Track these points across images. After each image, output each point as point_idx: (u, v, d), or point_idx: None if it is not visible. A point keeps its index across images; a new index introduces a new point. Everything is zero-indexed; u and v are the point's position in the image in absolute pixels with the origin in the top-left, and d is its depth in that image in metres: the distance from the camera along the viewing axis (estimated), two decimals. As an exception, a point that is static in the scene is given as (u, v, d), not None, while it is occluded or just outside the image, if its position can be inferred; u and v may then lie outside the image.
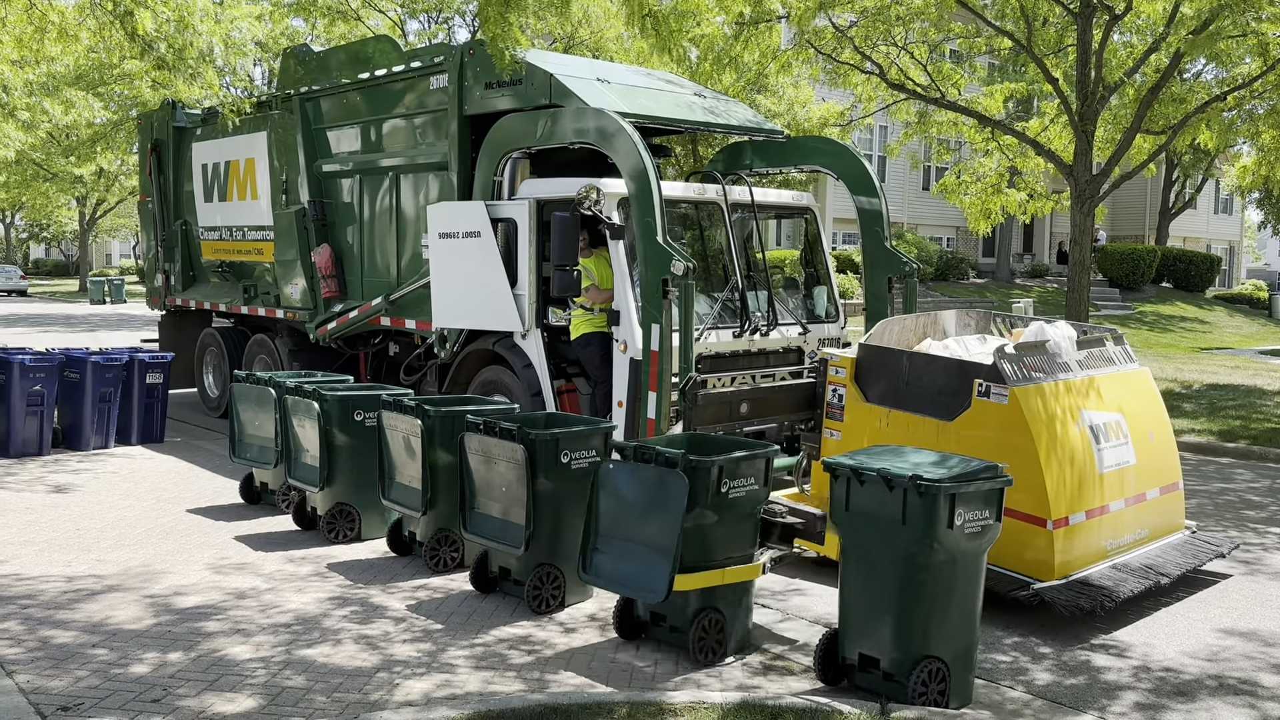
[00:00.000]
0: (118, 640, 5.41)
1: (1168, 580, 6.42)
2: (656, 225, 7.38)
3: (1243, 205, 45.70)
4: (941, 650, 4.80)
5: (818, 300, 9.54)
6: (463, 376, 9.19)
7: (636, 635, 5.58)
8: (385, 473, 7.02)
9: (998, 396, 6.18)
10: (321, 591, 6.29)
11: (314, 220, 10.87)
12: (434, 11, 26.28)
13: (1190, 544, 6.98)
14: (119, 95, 24.36)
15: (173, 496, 8.66)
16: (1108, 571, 6.26)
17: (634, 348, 7.66)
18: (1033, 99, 20.15)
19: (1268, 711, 5.01)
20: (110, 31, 11.65)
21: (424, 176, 9.80)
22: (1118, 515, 6.50)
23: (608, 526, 5.45)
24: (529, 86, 8.63)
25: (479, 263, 8.57)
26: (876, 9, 14.22)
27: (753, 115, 10.31)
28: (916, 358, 6.82)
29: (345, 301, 10.71)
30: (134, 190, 41.71)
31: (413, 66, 9.78)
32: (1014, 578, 6.03)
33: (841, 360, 7.06)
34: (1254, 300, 38.53)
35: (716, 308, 8.54)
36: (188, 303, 13.29)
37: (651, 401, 7.38)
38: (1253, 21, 12.90)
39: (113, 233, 58.82)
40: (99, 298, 38.22)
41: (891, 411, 6.69)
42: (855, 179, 9.28)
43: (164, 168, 13.49)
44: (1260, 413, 13.87)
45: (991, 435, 6.18)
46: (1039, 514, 6.03)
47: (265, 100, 11.88)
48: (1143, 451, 6.78)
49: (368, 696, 4.79)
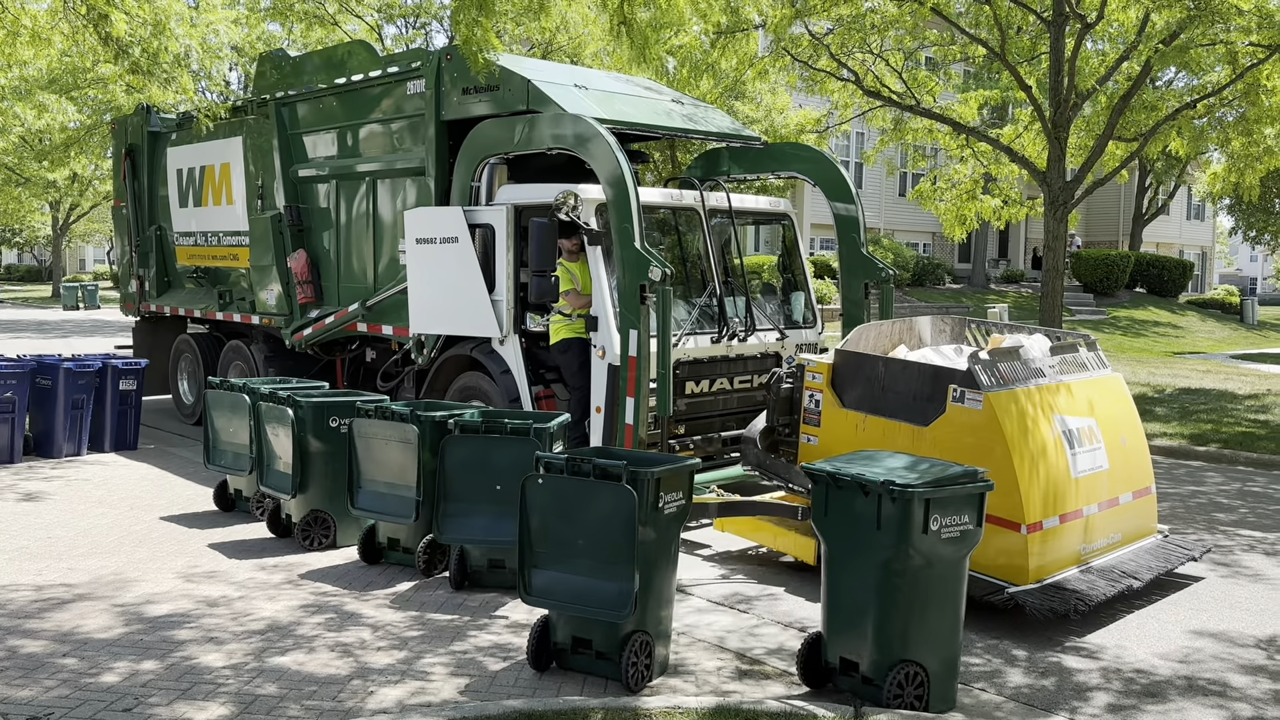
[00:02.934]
0: (88, 649, 5.36)
1: (1140, 584, 6.46)
2: (634, 231, 7.39)
3: (1214, 211, 46.22)
4: (920, 654, 4.81)
5: (795, 306, 9.57)
6: (440, 383, 9.15)
7: (548, 665, 5.22)
8: (354, 481, 7.01)
9: (972, 402, 6.22)
10: (295, 599, 6.25)
11: (290, 225, 10.81)
12: (411, 16, 26.22)
13: (1163, 548, 7.04)
14: (92, 99, 24.15)
15: (146, 504, 8.58)
16: (1081, 575, 6.29)
17: (612, 353, 7.66)
18: (1007, 106, 20.35)
19: (1237, 712, 5.06)
20: (83, 35, 11.57)
21: (401, 182, 9.78)
22: (1091, 520, 6.54)
23: (545, 543, 5.18)
24: (506, 92, 8.62)
25: (457, 268, 8.54)
26: (852, 17, 14.30)
27: (730, 122, 10.34)
28: (892, 363, 6.87)
29: (321, 307, 10.65)
30: (108, 195, 41.37)
31: (390, 71, 9.74)
32: (988, 581, 6.06)
33: (818, 366, 7.09)
34: (1226, 305, 38.97)
35: (695, 313, 8.54)
36: (162, 309, 13.18)
37: (630, 407, 7.37)
38: (1222, 31, 13.08)
39: (86, 238, 58.23)
40: (72, 303, 37.83)
41: (868, 417, 6.73)
42: (832, 185, 9.33)
43: (138, 172, 13.40)
44: (1231, 416, 14.03)
45: (966, 440, 6.22)
46: (1013, 518, 6.06)
47: (241, 105, 11.81)
48: (1116, 456, 6.83)
49: (342, 704, 4.77)
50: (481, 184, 8.74)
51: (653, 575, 5.07)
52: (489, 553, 6.49)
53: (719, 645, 5.69)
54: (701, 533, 7.99)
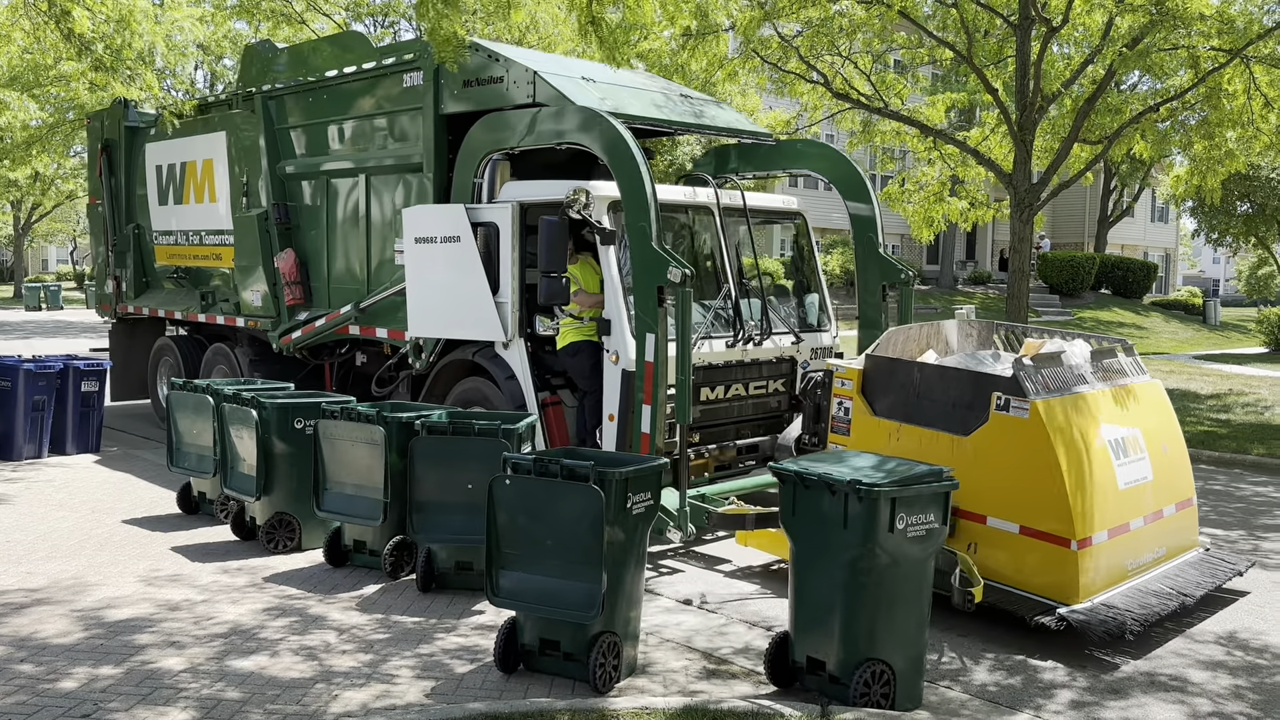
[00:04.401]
0: (46, 654, 5.27)
1: (1192, 601, 6.18)
2: (652, 230, 7.01)
3: (1178, 214, 46.87)
4: (886, 653, 4.83)
5: (809, 308, 9.21)
6: (439, 388, 8.76)
7: (516, 667, 5.20)
8: (320, 483, 6.96)
9: (1018, 410, 5.92)
10: (258, 602, 6.18)
11: (277, 224, 10.39)
12: (380, 15, 26.05)
13: (1207, 562, 6.75)
14: (55, 97, 23.80)
15: (107, 507, 8.46)
16: (1131, 593, 6.02)
17: (625, 359, 7.32)
18: (974, 109, 20.53)
19: (1197, 708, 5.12)
20: (45, 32, 11.40)
21: (396, 178, 9.36)
22: (1137, 534, 6.26)
23: (513, 543, 5.15)
24: (512, 84, 8.23)
25: (459, 269, 8.17)
26: (821, 20, 14.37)
27: (740, 118, 9.85)
28: (928, 369, 6.55)
29: (311, 309, 10.23)
30: (71, 195, 40.87)
31: (386, 63, 9.28)
32: (1037, 601, 5.80)
33: (848, 372, 6.76)
34: (1189, 306, 39.57)
35: (709, 316, 8.16)
36: (140, 310, 12.78)
37: (646, 415, 7.01)
38: (1183, 36, 13.26)
39: (49, 238, 57.43)
40: (35, 304, 37.30)
41: (902, 425, 6.42)
42: (847, 184, 8.95)
43: (115, 169, 12.96)
44: (1194, 416, 14.22)
45: (1010, 451, 5.94)
46: (1063, 534, 5.78)
47: (225, 99, 11.38)
48: (1159, 466, 6.52)
49: (306, 708, 4.71)
50: (484, 180, 8.36)
51: (621, 576, 5.05)
52: (456, 554, 6.45)
53: (687, 645, 5.68)
54: (719, 547, 7.73)
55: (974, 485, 5.96)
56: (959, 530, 6.08)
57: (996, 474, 6.01)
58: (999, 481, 6.01)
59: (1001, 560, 6.00)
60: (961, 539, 6.09)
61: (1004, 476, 5.99)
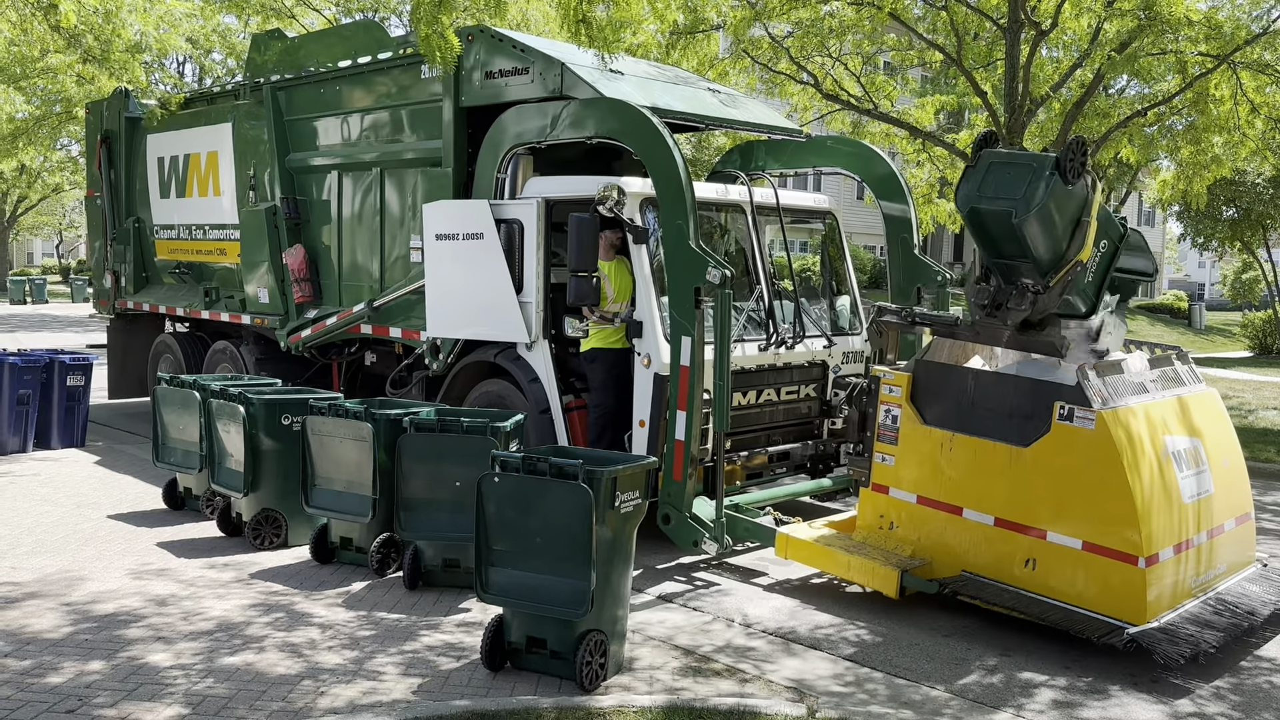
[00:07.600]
0: (32, 649, 5.26)
1: (1259, 619, 6.00)
2: (689, 229, 6.78)
3: (1164, 218, 47.15)
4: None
5: (840, 311, 8.92)
6: (457, 390, 8.44)
7: (502, 665, 5.22)
8: (308, 479, 6.97)
9: (1082, 421, 5.69)
10: (245, 598, 6.18)
11: (286, 219, 10.11)
12: (370, 11, 25.97)
13: (1268, 578, 6.56)
14: (41, 89, 23.65)
15: (93, 502, 8.44)
16: (1198, 612, 5.83)
17: (659, 362, 7.06)
18: (963, 111, 20.58)
19: (1178, 709, 5.17)
20: (32, 24, 11.35)
21: (414, 173, 9.04)
22: (1200, 549, 6.05)
23: (502, 541, 5.17)
24: (537, 76, 7.92)
25: (481, 267, 7.85)
26: (811, 20, 14.40)
27: (770, 112, 9.54)
28: (984, 375, 6.28)
29: (321, 307, 9.98)
30: (57, 187, 40.65)
31: (403, 53, 9.00)
32: (1103, 621, 5.61)
33: (896, 378, 6.51)
34: (1175, 310, 39.78)
35: (742, 318, 7.84)
36: (140, 306, 12.53)
37: (680, 421, 6.77)
38: (1171, 41, 13.34)
39: (35, 231, 57.05)
40: (19, 298, 37.10)
41: (955, 435, 6.20)
42: (881, 183, 8.71)
43: (115, 160, 12.71)
44: (1177, 419, 14.28)
45: (1074, 463, 5.73)
46: (1130, 550, 5.57)
47: (231, 89, 11.15)
48: (1220, 480, 6.30)
49: (292, 705, 4.72)
50: (507, 176, 8.05)
51: (609, 574, 5.08)
52: (444, 551, 6.46)
53: (669, 642, 5.71)
54: (753, 557, 7.48)
55: (1033, 498, 5.84)
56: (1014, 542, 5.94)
57: (1058, 487, 5.81)
58: (1061, 495, 5.82)
59: (1063, 577, 5.81)
60: (1019, 554, 5.96)
61: (1066, 490, 5.79)
